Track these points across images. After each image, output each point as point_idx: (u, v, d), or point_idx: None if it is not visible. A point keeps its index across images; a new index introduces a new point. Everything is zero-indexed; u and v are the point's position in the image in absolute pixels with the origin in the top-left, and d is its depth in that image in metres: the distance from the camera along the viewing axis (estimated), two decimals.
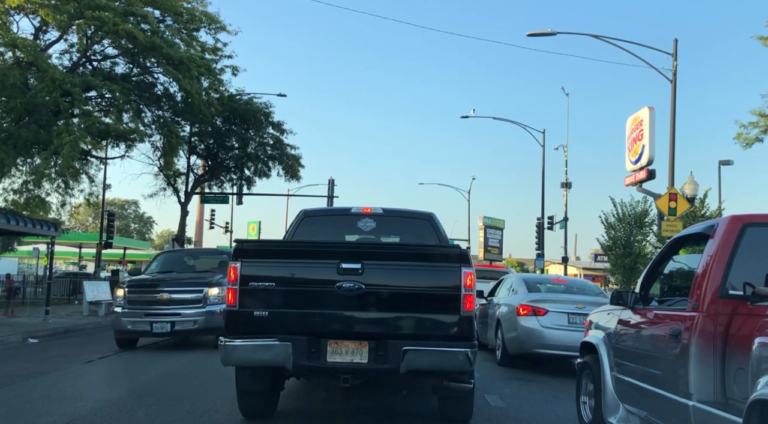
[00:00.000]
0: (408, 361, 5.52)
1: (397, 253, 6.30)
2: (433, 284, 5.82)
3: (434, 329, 5.78)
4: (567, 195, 42.39)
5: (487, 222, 66.73)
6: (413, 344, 5.58)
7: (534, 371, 10.84)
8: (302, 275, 5.83)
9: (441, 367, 5.71)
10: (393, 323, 5.76)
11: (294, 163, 34.60)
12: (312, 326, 5.70)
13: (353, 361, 5.66)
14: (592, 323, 6.47)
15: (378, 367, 5.65)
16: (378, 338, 5.64)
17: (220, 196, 36.36)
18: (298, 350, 5.58)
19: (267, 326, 5.69)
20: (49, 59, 23.01)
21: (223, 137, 33.52)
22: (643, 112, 33.29)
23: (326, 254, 5.94)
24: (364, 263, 5.69)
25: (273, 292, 5.77)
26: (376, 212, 7.90)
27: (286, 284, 5.81)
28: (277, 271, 5.86)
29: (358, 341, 5.66)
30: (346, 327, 5.74)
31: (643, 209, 29.91)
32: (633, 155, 34.83)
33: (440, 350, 5.59)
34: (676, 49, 20.88)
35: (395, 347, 5.54)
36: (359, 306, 5.69)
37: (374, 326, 5.72)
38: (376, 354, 5.62)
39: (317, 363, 5.66)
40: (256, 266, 5.82)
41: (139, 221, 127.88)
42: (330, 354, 5.64)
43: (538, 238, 41.16)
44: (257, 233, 70.73)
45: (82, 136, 21.68)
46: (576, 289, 12.02)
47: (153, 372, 9.96)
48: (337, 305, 5.69)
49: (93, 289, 21.81)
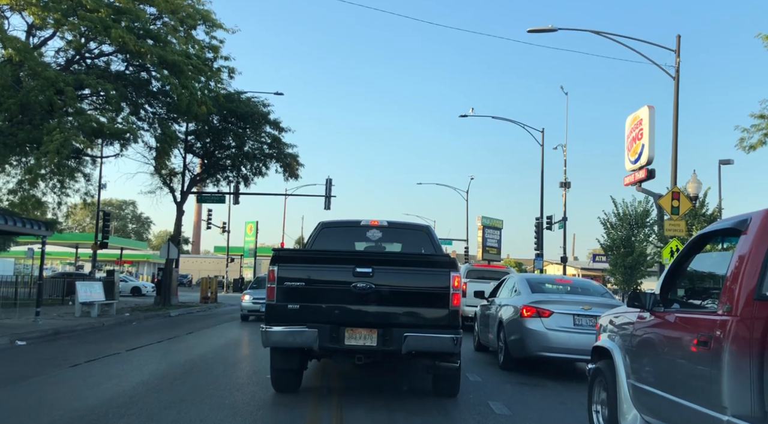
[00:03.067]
0: (408, 344, 6.98)
1: (400, 260, 7.82)
2: (428, 284, 7.26)
3: (428, 320, 7.21)
4: (566, 195, 42.04)
5: (486, 222, 66.36)
6: (412, 330, 7.05)
7: (538, 376, 10.39)
8: (325, 277, 7.30)
9: (433, 349, 7.15)
10: (396, 314, 7.22)
11: (292, 161, 34.12)
12: (333, 317, 7.16)
13: (365, 344, 7.14)
14: (604, 326, 6.04)
15: (384, 349, 7.12)
16: (384, 326, 7.12)
17: (216, 195, 35.89)
18: (322, 335, 7.05)
19: (298, 316, 7.13)
20: (41, 57, 22.59)
21: (219, 136, 33.02)
22: (643, 111, 32.94)
23: (344, 261, 7.39)
24: (374, 268, 7.17)
25: (303, 290, 7.21)
26: (381, 224, 9.37)
27: (312, 283, 7.26)
28: (306, 273, 7.31)
29: (369, 328, 7.13)
30: (359, 318, 7.19)
31: (644, 209, 29.51)
32: (632, 155, 34.50)
33: (433, 335, 7.06)
34: (678, 46, 20.47)
35: (398, 333, 7.01)
36: (370, 301, 7.16)
37: (381, 317, 7.19)
38: (383, 339, 7.08)
39: (337, 345, 7.15)
40: (289, 270, 7.26)
41: (137, 222, 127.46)
42: (347, 338, 7.13)
43: (537, 238, 40.72)
44: (255, 233, 70.33)
45: (75, 135, 21.25)
46: (581, 289, 11.52)
47: (139, 377, 9.50)
48: (353, 301, 7.14)
49: (85, 290, 21.34)
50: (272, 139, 33.62)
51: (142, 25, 23.00)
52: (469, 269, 20.15)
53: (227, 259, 62.58)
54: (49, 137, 19.91)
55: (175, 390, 8.48)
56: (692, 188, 21.12)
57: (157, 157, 27.92)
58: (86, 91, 24.03)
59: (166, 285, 31.11)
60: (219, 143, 33.49)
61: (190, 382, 9.17)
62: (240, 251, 72.34)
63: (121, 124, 23.27)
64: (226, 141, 33.45)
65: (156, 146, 26.93)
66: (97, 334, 16.77)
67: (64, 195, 29.42)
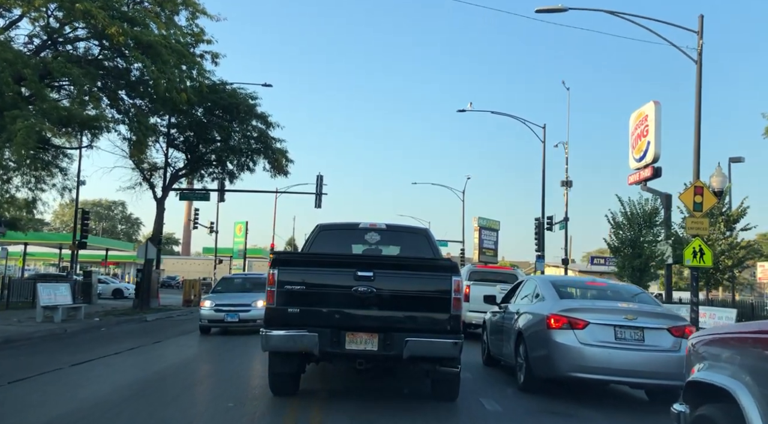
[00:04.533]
0: (409, 348, 6.91)
1: (401, 264, 7.66)
2: (429, 288, 7.21)
3: (430, 324, 7.11)
4: (567, 194, 40.35)
5: (482, 223, 64.65)
6: (413, 335, 6.97)
7: (570, 401, 8.45)
8: (326, 281, 7.27)
9: (434, 353, 7.10)
10: (397, 318, 7.16)
11: (280, 157, 32.17)
12: (333, 321, 7.10)
13: (366, 348, 7.07)
14: (701, 351, 4.19)
15: (385, 353, 7.06)
16: (385, 330, 7.05)
17: (200, 192, 33.89)
18: (323, 339, 6.97)
19: (298, 320, 7.08)
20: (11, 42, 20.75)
21: (203, 129, 31.01)
22: (648, 107, 31.26)
23: (345, 264, 7.33)
24: (375, 272, 7.10)
25: (303, 293, 7.17)
26: (380, 226, 9.17)
27: (313, 287, 7.22)
28: (306, 277, 7.26)
29: (369, 332, 7.06)
30: (360, 322, 7.15)
31: (653, 207, 27.71)
32: (637, 152, 32.81)
33: (434, 340, 6.98)
34: (701, 27, 18.69)
35: (399, 338, 6.95)
36: (371, 305, 7.11)
37: (382, 321, 7.13)
38: (384, 343, 7.02)
39: (338, 350, 7.07)
40: (289, 273, 7.19)
41: (126, 222, 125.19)
42: (348, 343, 7.05)
43: (538, 238, 39.03)
44: (244, 233, 68.31)
45: (39, 122, 19.34)
46: (620, 294, 9.57)
47: (75, 403, 7.59)
48: (354, 305, 7.10)
49: (48, 292, 19.36)
50: (259, 133, 31.71)
51: (118, 5, 21.09)
52: (471, 270, 18.21)
53: (215, 260, 60.50)
54: (13, 126, 18.02)
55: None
56: (716, 183, 19.26)
57: (133, 150, 25.95)
58: (64, 82, 22.16)
59: (145, 287, 29.13)
60: (203, 137, 31.43)
61: (127, 415, 7.21)
62: (229, 252, 70.32)
63: (91, 111, 21.34)
64: (211, 135, 31.44)
65: (130, 138, 24.97)
66: (53, 343, 14.81)
67: (38, 190, 27.60)
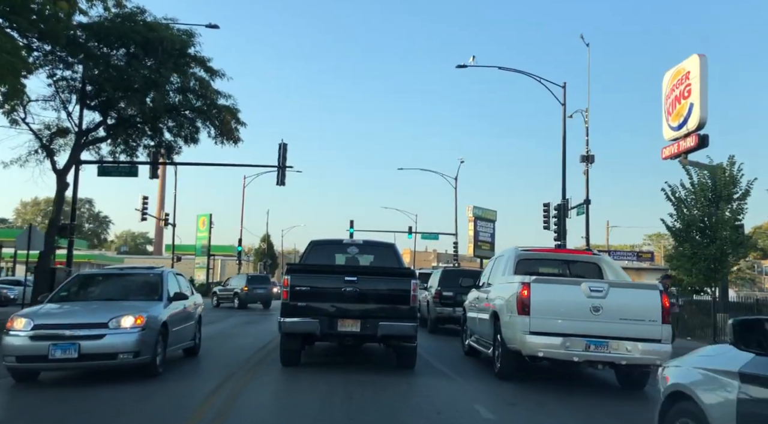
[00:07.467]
0: (381, 329, 10.51)
1: (376, 271, 11.50)
2: (395, 288, 10.79)
3: (395, 313, 10.67)
4: (588, 171, 32.82)
5: (478, 213, 57.35)
6: (384, 320, 10.55)
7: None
8: (323, 283, 10.76)
9: (399, 333, 10.71)
10: (373, 309, 10.70)
11: (227, 116, 24.47)
12: (329, 311, 10.62)
13: (352, 330, 10.64)
14: None
15: (365, 333, 10.67)
16: (365, 317, 10.63)
17: (124, 166, 25.98)
18: (322, 324, 10.52)
19: (305, 311, 10.58)
20: None
21: (125, 79, 23.08)
22: (691, 62, 23.76)
23: (337, 272, 11.08)
24: (358, 277, 10.71)
25: (308, 292, 10.69)
26: (358, 242, 13.11)
27: (314, 288, 10.74)
28: (310, 281, 10.80)
29: (354, 319, 10.63)
30: (348, 312, 10.66)
31: (730, 175, 20.23)
32: (674, 119, 25.26)
33: (398, 324, 10.58)
34: None
35: (374, 323, 10.55)
36: (355, 300, 10.65)
37: (363, 311, 10.67)
38: (365, 326, 10.58)
39: (333, 331, 10.64)
40: (299, 278, 10.76)
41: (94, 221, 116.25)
42: (339, 326, 10.60)
43: (558, 224, 31.55)
44: (208, 228, 60.40)
45: None
46: None
47: None
48: (343, 300, 10.63)
49: None
50: (199, 84, 23.98)
51: None
52: (519, 255, 10.88)
53: (173, 257, 52.47)
54: None
55: None
56: None
57: None
58: None
59: (40, 287, 21.28)
60: (124, 91, 23.53)
61: None
62: (191, 250, 62.40)
63: None
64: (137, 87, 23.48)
65: None
66: None
67: None
